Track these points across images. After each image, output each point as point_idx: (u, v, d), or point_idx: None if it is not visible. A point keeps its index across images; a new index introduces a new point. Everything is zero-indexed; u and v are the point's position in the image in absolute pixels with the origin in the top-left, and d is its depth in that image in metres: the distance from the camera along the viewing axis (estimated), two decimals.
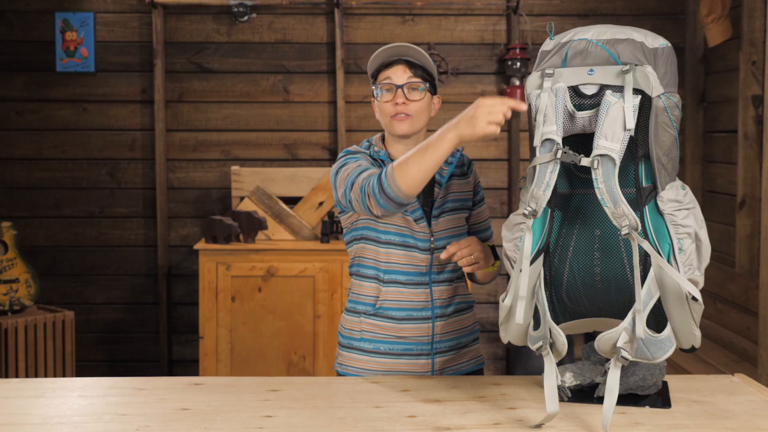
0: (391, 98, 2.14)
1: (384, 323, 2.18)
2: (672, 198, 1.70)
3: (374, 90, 2.19)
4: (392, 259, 2.17)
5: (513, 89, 4.55)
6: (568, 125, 1.71)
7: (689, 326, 1.67)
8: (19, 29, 4.62)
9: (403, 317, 2.17)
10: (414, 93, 2.14)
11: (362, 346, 2.20)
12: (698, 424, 1.72)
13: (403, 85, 2.13)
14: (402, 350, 2.18)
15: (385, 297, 2.17)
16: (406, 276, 2.17)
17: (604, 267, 1.81)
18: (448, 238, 2.18)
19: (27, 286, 4.30)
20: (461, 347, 2.25)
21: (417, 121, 2.16)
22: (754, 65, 3.87)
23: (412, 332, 2.17)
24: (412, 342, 2.18)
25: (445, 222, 2.19)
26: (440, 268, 2.19)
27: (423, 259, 2.17)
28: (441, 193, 2.19)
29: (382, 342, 2.18)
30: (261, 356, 4.08)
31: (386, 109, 2.15)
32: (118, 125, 4.67)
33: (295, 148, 4.69)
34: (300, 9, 4.65)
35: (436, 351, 2.19)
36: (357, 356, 2.21)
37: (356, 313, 2.22)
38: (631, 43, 1.68)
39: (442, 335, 2.20)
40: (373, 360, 2.19)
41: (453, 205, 2.21)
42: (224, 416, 1.76)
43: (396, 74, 2.14)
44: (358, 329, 2.21)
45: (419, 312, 2.17)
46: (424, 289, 2.18)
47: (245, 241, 4.15)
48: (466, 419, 1.74)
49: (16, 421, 1.74)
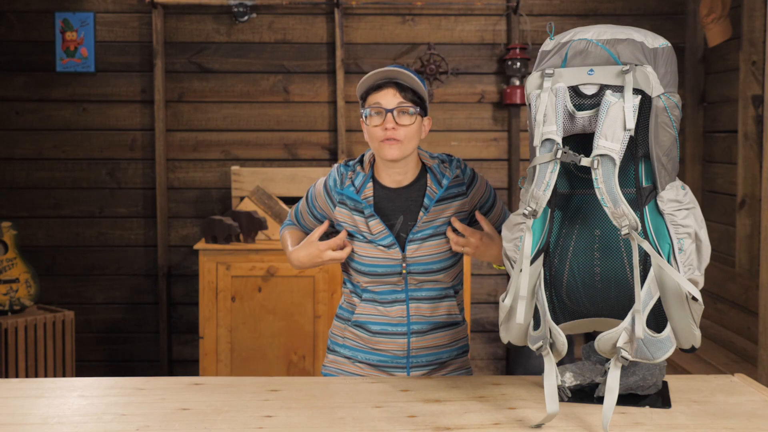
0: (381, 122, 2.09)
1: (362, 334, 2.20)
2: (672, 198, 1.70)
3: (363, 113, 2.14)
4: (365, 282, 2.17)
5: (513, 89, 4.55)
6: (568, 125, 1.71)
7: (689, 326, 1.67)
8: (19, 29, 4.62)
9: (377, 331, 2.18)
10: (404, 117, 2.09)
11: (343, 351, 2.24)
12: (698, 424, 1.72)
13: (392, 109, 2.08)
14: (377, 361, 2.20)
15: (361, 311, 2.19)
16: (381, 295, 2.17)
17: (604, 267, 1.81)
18: (427, 264, 2.14)
19: (27, 286, 4.30)
20: (441, 362, 2.23)
21: (407, 146, 2.10)
22: (754, 65, 3.87)
23: (387, 346, 2.18)
24: (387, 355, 2.19)
25: (424, 248, 2.13)
26: (419, 285, 2.16)
27: (397, 281, 2.15)
28: (425, 217, 2.14)
29: (360, 351, 2.21)
30: (261, 356, 4.08)
31: (376, 134, 2.10)
32: (118, 125, 4.67)
33: (295, 148, 4.69)
34: (300, 9, 4.65)
35: (413, 365, 2.19)
36: (339, 359, 2.26)
37: (342, 319, 2.26)
38: (631, 43, 1.68)
39: (418, 350, 2.18)
40: (353, 365, 2.23)
41: (439, 230, 2.15)
42: (224, 416, 1.76)
43: (386, 98, 2.09)
44: (341, 335, 2.25)
45: (394, 327, 2.17)
46: (400, 306, 2.17)
47: (245, 241, 4.14)
48: (466, 419, 1.74)
49: (16, 421, 1.74)
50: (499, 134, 4.71)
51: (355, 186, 2.17)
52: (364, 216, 2.14)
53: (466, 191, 2.19)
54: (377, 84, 2.12)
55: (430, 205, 2.14)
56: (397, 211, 2.16)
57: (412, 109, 2.10)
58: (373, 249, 2.14)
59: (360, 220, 2.15)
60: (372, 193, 2.16)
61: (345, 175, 2.19)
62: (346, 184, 2.17)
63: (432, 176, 2.17)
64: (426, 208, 2.14)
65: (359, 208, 2.15)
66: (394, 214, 2.16)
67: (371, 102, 2.11)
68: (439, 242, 2.15)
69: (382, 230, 2.13)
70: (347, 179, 2.18)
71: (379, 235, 2.13)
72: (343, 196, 2.17)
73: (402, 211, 2.16)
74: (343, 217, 2.17)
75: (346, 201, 2.17)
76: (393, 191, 2.17)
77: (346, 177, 2.18)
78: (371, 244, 2.14)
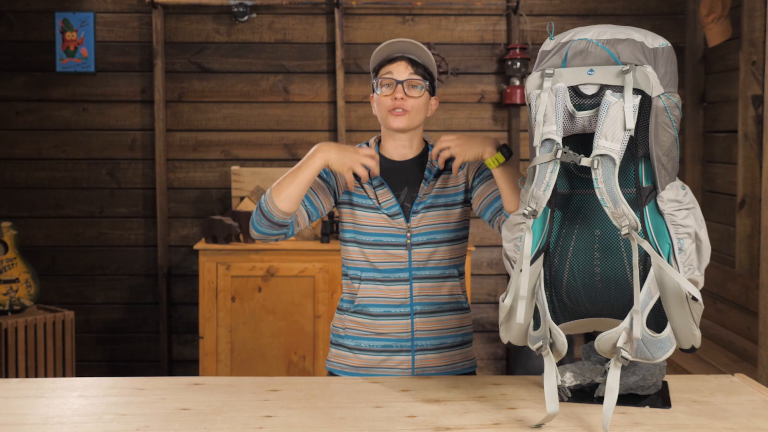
0: (390, 93, 2.16)
1: (363, 320, 2.21)
2: (672, 198, 1.70)
3: (374, 84, 2.20)
4: (370, 258, 2.20)
5: (513, 89, 4.56)
6: (568, 125, 1.71)
7: (689, 326, 1.67)
8: (19, 29, 4.62)
9: (380, 313, 2.19)
10: (413, 90, 2.16)
11: (346, 343, 2.25)
12: (698, 424, 1.72)
13: (403, 81, 2.15)
14: (382, 347, 2.20)
15: (363, 294, 2.20)
16: (383, 273, 2.19)
17: (604, 267, 1.81)
18: (428, 234, 2.19)
19: (27, 286, 4.30)
20: (446, 347, 2.24)
21: (414, 118, 2.17)
22: (754, 65, 3.87)
23: (391, 329, 2.19)
24: (391, 339, 2.20)
25: (427, 218, 2.19)
26: (422, 264, 2.19)
27: (401, 255, 2.18)
28: (426, 188, 2.19)
29: (363, 339, 2.22)
30: (261, 356, 4.08)
31: (384, 103, 2.17)
32: (118, 125, 4.67)
33: (295, 148, 4.69)
34: (300, 9, 4.65)
35: (417, 348, 2.20)
36: (342, 353, 2.25)
37: (341, 310, 2.27)
38: (631, 43, 1.68)
39: (423, 332, 2.20)
40: (356, 357, 2.23)
41: (437, 201, 2.20)
42: (224, 416, 1.76)
43: (398, 70, 2.16)
44: (342, 327, 2.26)
45: (397, 308, 2.19)
46: (403, 285, 2.19)
47: (245, 241, 4.15)
48: (466, 419, 1.74)
49: (16, 421, 1.75)
50: (499, 134, 4.71)
51: None
52: (372, 186, 2.19)
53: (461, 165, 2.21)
54: (391, 57, 2.18)
55: (430, 177, 2.20)
56: (402, 183, 2.21)
57: (422, 83, 2.17)
58: (378, 217, 2.18)
59: (368, 187, 2.20)
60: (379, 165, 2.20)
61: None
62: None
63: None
64: (426, 179, 2.20)
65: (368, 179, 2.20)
66: (399, 185, 2.21)
67: (383, 73, 2.18)
68: (441, 213, 2.20)
69: (389, 198, 2.18)
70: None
71: (386, 203, 2.18)
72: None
73: (406, 183, 2.21)
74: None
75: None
76: (398, 164, 2.23)
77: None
78: (377, 212, 2.18)
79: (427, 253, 2.19)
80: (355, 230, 2.21)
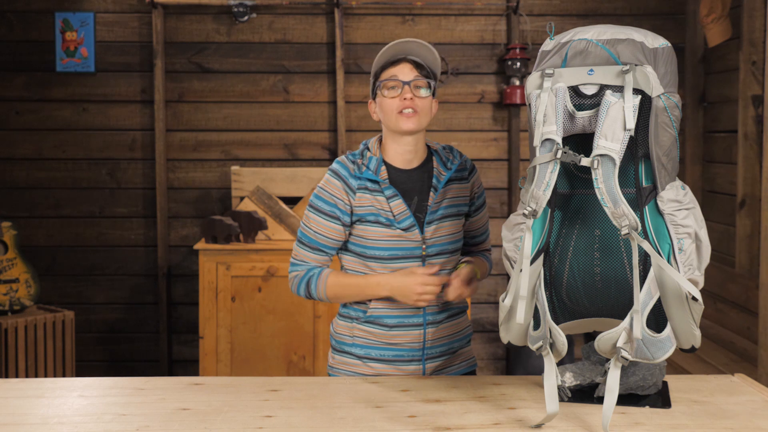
0: (397, 95, 2.12)
1: (376, 330, 2.18)
2: (672, 198, 1.70)
3: (377, 87, 2.16)
4: (377, 271, 2.16)
5: (513, 89, 4.56)
6: (568, 125, 1.71)
7: (689, 326, 1.67)
8: (19, 29, 4.62)
9: (394, 324, 2.17)
10: (420, 91, 2.14)
11: (354, 351, 2.21)
12: (698, 424, 1.72)
13: (410, 81, 2.12)
14: (393, 356, 2.18)
15: (376, 305, 2.17)
16: None
17: (604, 267, 1.81)
18: (442, 245, 2.17)
19: (27, 286, 4.30)
20: (453, 351, 2.25)
21: (423, 119, 2.14)
22: (754, 65, 3.87)
23: (404, 339, 2.18)
24: (403, 348, 2.18)
25: (439, 229, 2.17)
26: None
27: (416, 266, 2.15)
28: (436, 198, 2.17)
29: (374, 348, 2.19)
30: (261, 356, 4.08)
31: (392, 105, 2.13)
32: (118, 125, 4.67)
33: (295, 148, 4.69)
34: (300, 9, 4.65)
35: (428, 357, 2.19)
36: (349, 360, 2.22)
37: (349, 318, 2.22)
38: (631, 43, 1.68)
39: (433, 341, 2.19)
40: (365, 365, 2.20)
41: (447, 212, 2.19)
42: (224, 416, 1.76)
43: (402, 72, 2.13)
44: (350, 335, 2.21)
45: (410, 319, 2.17)
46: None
47: (245, 241, 4.14)
48: (466, 419, 1.74)
49: (16, 421, 1.75)
50: (499, 134, 4.71)
51: (370, 169, 2.17)
52: (385, 197, 2.15)
53: (467, 177, 2.24)
54: (394, 59, 2.16)
55: (439, 186, 2.18)
56: (411, 192, 2.18)
57: (427, 85, 2.15)
58: (392, 232, 2.14)
59: (382, 200, 2.15)
60: (387, 175, 2.17)
61: (356, 162, 2.19)
62: (362, 170, 2.17)
63: (438, 159, 2.22)
64: (436, 188, 2.18)
65: (379, 189, 2.15)
66: (409, 195, 2.17)
67: (386, 76, 2.15)
68: (450, 223, 2.19)
69: (403, 210, 2.14)
70: (362, 165, 2.18)
71: (400, 215, 2.14)
72: (362, 180, 2.16)
73: (415, 192, 2.18)
74: (365, 202, 2.15)
75: (366, 185, 2.16)
76: (405, 172, 2.19)
77: (361, 163, 2.18)
78: (390, 228, 2.13)
79: (439, 264, 2.17)
80: (362, 245, 2.17)
